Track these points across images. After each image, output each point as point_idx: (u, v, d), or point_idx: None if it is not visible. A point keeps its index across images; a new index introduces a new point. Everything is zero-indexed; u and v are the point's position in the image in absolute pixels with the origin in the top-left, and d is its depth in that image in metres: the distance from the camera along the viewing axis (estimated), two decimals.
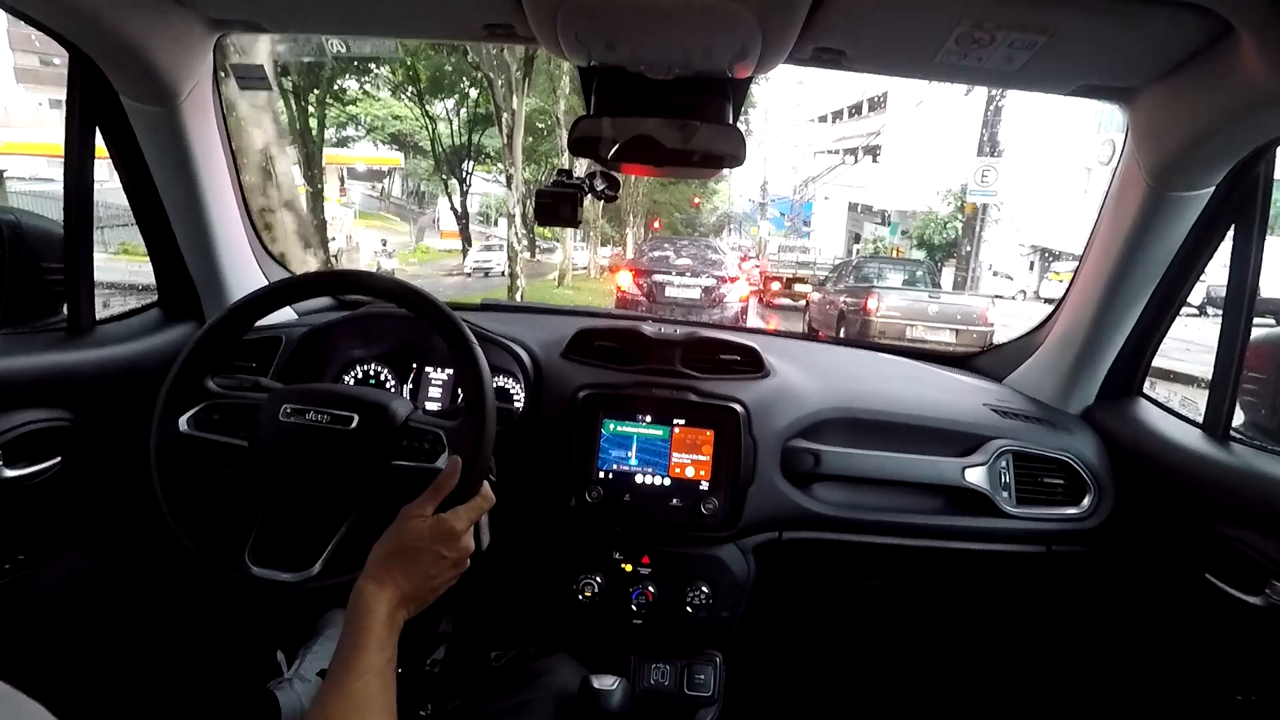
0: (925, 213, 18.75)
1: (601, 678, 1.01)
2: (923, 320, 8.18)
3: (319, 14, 1.13)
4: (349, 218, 22.87)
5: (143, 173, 1.22)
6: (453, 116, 21.29)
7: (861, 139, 26.41)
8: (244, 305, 0.98)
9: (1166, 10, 0.80)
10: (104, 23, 0.99)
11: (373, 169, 28.52)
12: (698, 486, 1.17)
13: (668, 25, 0.87)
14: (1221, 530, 1.02)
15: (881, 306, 8.28)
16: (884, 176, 25.62)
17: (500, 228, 27.43)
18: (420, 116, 20.71)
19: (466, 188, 22.92)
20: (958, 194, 16.30)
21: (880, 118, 25.99)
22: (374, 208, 30.18)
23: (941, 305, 8.38)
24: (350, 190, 28.26)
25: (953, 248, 16.24)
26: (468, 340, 0.94)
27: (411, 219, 33.03)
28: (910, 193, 22.96)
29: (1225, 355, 1.07)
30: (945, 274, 16.18)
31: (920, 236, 18.09)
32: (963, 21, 0.86)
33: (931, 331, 8.13)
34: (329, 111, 20.24)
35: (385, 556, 0.76)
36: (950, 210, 17.22)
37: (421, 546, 0.77)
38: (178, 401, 0.95)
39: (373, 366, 1.36)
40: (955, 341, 8.01)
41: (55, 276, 1.15)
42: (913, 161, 22.75)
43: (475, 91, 19.11)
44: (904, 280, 10.41)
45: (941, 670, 1.55)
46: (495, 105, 12.19)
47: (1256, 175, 1.02)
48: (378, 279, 0.99)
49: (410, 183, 34.79)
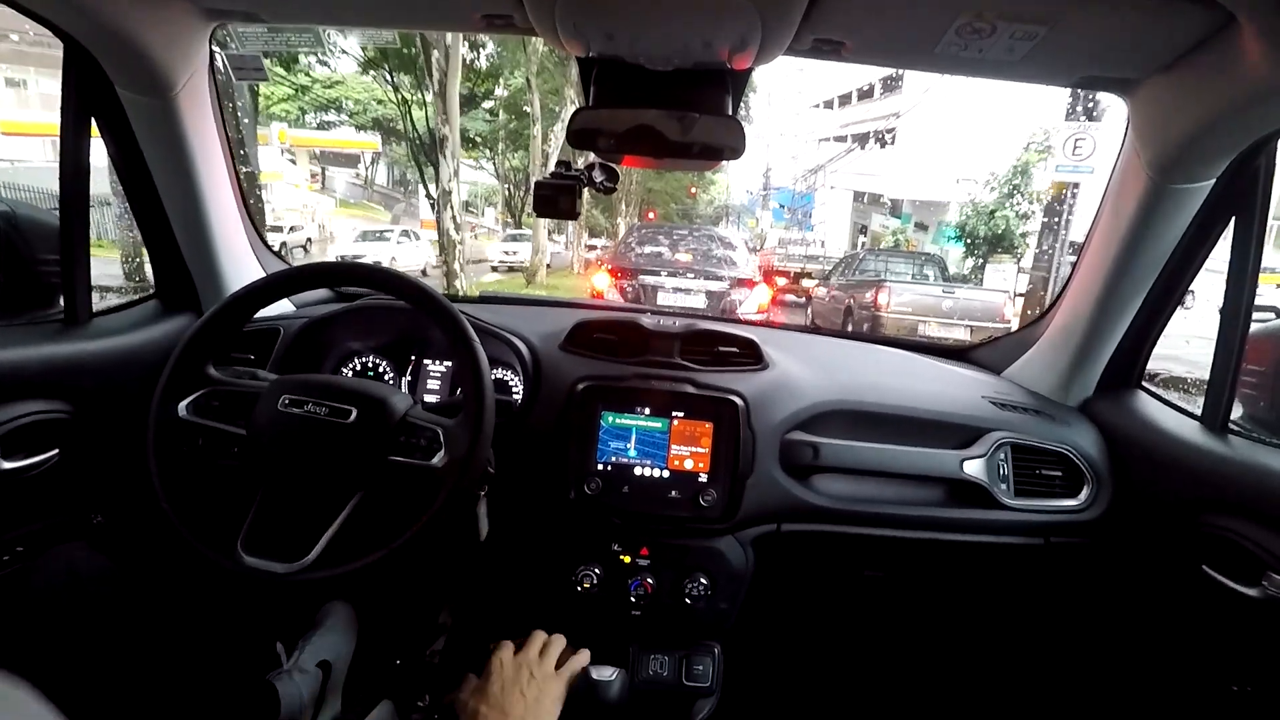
0: (964, 202, 16.77)
1: (600, 668, 1.02)
2: (936, 316, 7.81)
3: (315, 5, 1.13)
4: (323, 205, 22.34)
5: (139, 164, 1.22)
6: (425, 94, 18.86)
7: (873, 123, 24.93)
8: (245, 295, 0.98)
9: (1168, 2, 0.79)
10: (101, 14, 0.99)
11: (352, 154, 27.83)
12: (696, 478, 1.17)
13: (667, 16, 0.86)
14: (1219, 522, 1.02)
15: (892, 302, 7.89)
16: (897, 164, 23.44)
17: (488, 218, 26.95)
18: (386, 93, 18.58)
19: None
20: (1009, 178, 14.95)
21: (896, 99, 23.92)
22: (358, 195, 29.55)
23: (956, 301, 7.92)
24: (334, 178, 27.86)
25: (1001, 240, 15.13)
26: (466, 333, 0.94)
27: (396, 208, 32.30)
28: (926, 181, 21.46)
29: (1224, 348, 1.07)
30: (990, 272, 15.07)
31: (962, 228, 16.25)
32: (963, 12, 0.85)
33: (945, 328, 7.73)
34: (308, 94, 19.70)
35: (482, 706, 0.86)
36: (996, 197, 15.45)
37: (513, 690, 0.88)
38: (178, 386, 0.95)
39: (371, 358, 1.36)
40: (971, 340, 6.90)
41: (51, 268, 1.14)
42: (929, 147, 21.04)
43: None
44: (913, 274, 9.98)
45: (940, 661, 1.56)
46: (422, 42, 9.92)
47: (1257, 167, 1.02)
48: (377, 271, 0.99)
49: (396, 170, 33.44)
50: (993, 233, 15.02)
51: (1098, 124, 8.00)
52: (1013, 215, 14.84)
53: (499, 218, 23.47)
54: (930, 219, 23.07)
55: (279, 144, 18.37)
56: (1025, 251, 14.49)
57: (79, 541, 1.15)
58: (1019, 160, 14.62)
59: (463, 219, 9.91)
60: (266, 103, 19.65)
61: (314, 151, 24.23)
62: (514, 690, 0.89)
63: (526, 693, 0.89)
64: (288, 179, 20.85)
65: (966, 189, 16.61)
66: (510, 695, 0.88)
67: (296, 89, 19.64)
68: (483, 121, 19.35)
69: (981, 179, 15.81)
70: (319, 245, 17.75)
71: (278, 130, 18.84)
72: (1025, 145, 14.56)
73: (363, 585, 1.38)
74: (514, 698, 0.88)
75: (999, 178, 15.17)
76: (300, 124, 21.83)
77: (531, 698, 0.89)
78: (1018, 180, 14.74)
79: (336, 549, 0.90)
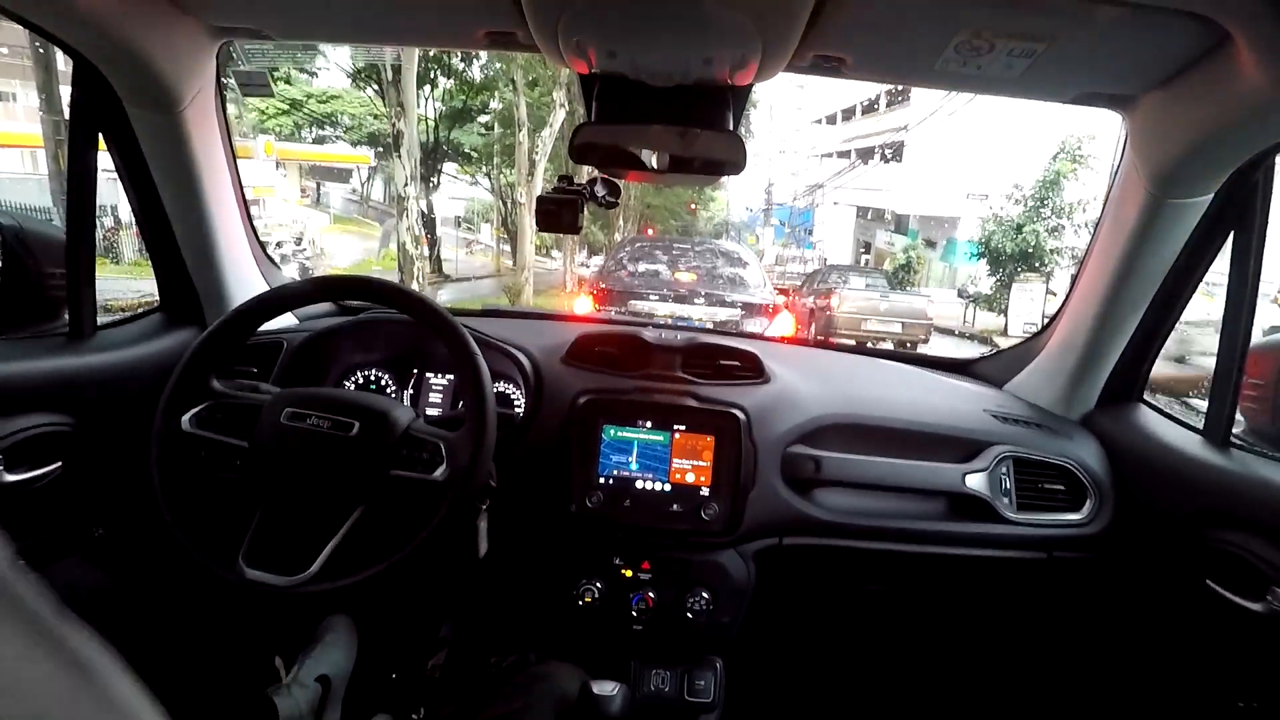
0: (986, 216, 15.16)
1: (602, 683, 1.01)
2: (876, 315, 10.06)
3: (322, 22, 1.14)
4: (317, 221, 22.06)
5: (146, 179, 1.23)
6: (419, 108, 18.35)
7: (877, 138, 24.01)
8: (248, 309, 0.99)
9: (1164, 18, 0.80)
10: (109, 31, 1.00)
11: (347, 169, 27.48)
12: (698, 492, 1.17)
13: (668, 34, 0.87)
14: (1222, 536, 1.02)
15: (843, 305, 10.13)
16: (903, 178, 22.25)
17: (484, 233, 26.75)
18: (373, 104, 17.84)
19: (434, 188, 20.02)
20: (1037, 190, 13.74)
21: (903, 113, 22.64)
22: (353, 212, 29.34)
23: (890, 303, 10.41)
24: (329, 194, 27.70)
25: (1028, 258, 13.68)
26: (469, 346, 0.94)
27: (389, 224, 31.74)
28: (933, 196, 20.42)
29: (1225, 361, 1.07)
30: (1016, 292, 13.34)
31: (985, 244, 14.72)
32: (962, 30, 0.86)
33: (883, 324, 10.03)
34: (302, 109, 19.46)
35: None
36: (1022, 211, 14.09)
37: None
38: (181, 399, 0.95)
39: (373, 372, 1.36)
40: (902, 332, 10.07)
41: (57, 282, 1.15)
42: (937, 162, 19.87)
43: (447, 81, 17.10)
44: (866, 285, 12.28)
45: (942, 676, 1.55)
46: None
47: (1255, 182, 1.03)
48: (380, 285, 0.99)
49: (392, 186, 33.51)
50: (1020, 249, 13.89)
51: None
52: (1042, 230, 13.61)
53: (495, 234, 23.35)
54: (938, 235, 22.32)
55: (264, 156, 18.24)
56: (1054, 269, 13.49)
57: (80, 555, 1.15)
58: (1047, 171, 13.69)
59: (459, 234, 9.65)
60: (261, 117, 19.66)
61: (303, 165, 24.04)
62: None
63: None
64: (279, 194, 20.77)
65: (986, 203, 15.50)
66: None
67: (290, 103, 19.61)
68: (477, 136, 19.26)
69: (995, 193, 14.93)
70: (312, 262, 17.68)
71: (264, 143, 18.75)
72: (1054, 155, 13.58)
73: (364, 598, 1.37)
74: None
75: (1024, 190, 14.05)
76: (296, 138, 21.78)
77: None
78: (1047, 193, 13.64)
79: (338, 562, 0.89)
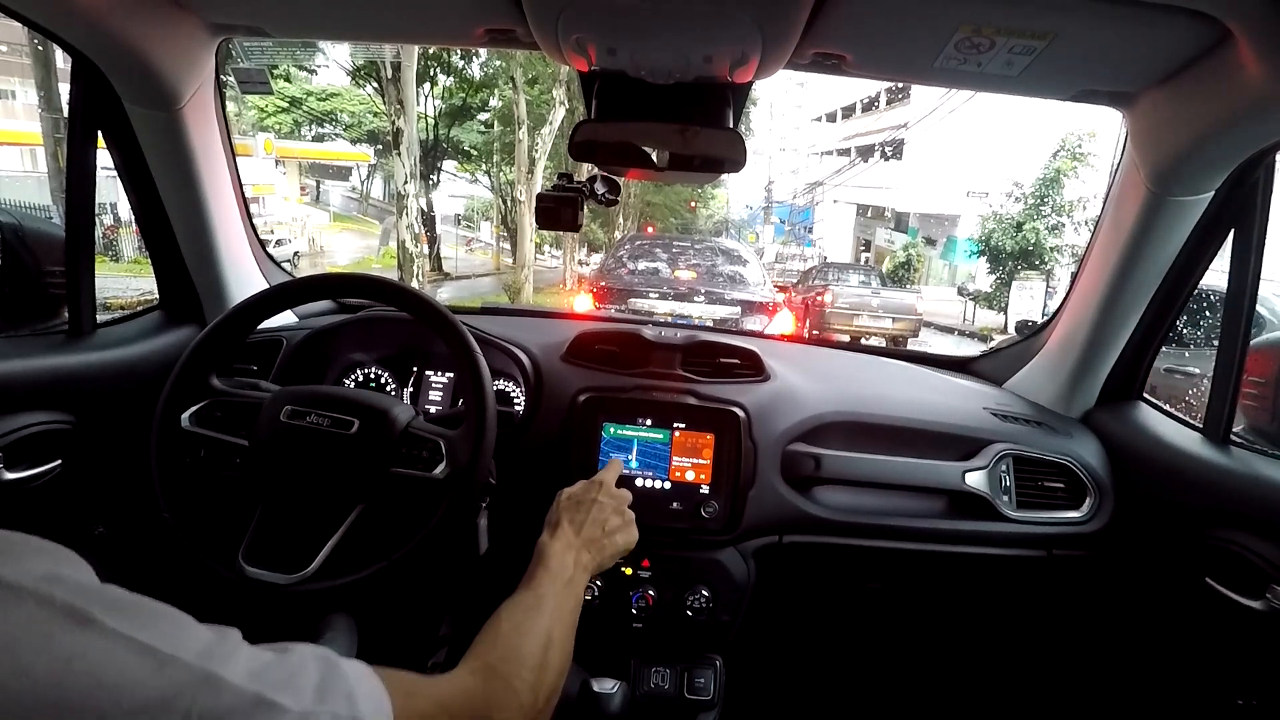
0: (986, 214, 15.18)
1: (601, 681, 1.01)
2: (868, 311, 10.39)
3: (321, 20, 1.14)
4: (316, 219, 22.00)
5: (145, 177, 1.23)
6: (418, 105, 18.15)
7: (877, 135, 23.78)
8: (248, 306, 0.99)
9: (1164, 16, 0.80)
10: (108, 28, 1.00)
11: (346, 167, 27.35)
12: (698, 490, 1.17)
13: (668, 31, 0.87)
14: (1222, 534, 1.02)
15: (836, 301, 10.43)
16: (903, 176, 22.20)
17: (484, 231, 26.72)
18: (373, 101, 17.87)
19: (434, 186, 20.17)
20: (1037, 188, 13.75)
21: (903, 110, 22.55)
22: (353, 210, 29.22)
23: (882, 299, 10.78)
24: (329, 192, 27.64)
25: (1028, 256, 13.77)
26: (468, 344, 0.94)
27: (388, 221, 31.60)
28: (933, 194, 20.55)
29: (1225, 360, 1.07)
30: (1015, 290, 13.50)
31: (984, 242, 14.70)
32: (962, 27, 0.86)
33: (875, 319, 10.34)
34: (302, 106, 19.40)
35: (555, 518, 0.89)
36: (1023, 209, 14.05)
37: (578, 499, 0.92)
38: (181, 397, 0.95)
39: (373, 370, 1.36)
40: (893, 327, 10.39)
41: (56, 280, 1.15)
42: (937, 159, 19.88)
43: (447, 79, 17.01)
44: (858, 281, 12.62)
45: (942, 674, 1.55)
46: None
47: (1256, 180, 1.03)
48: (380, 282, 0.99)
49: (392, 184, 33.30)
50: (1020, 247, 13.94)
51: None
52: (1042, 228, 13.73)
53: (494, 232, 23.35)
54: (938, 233, 22.40)
55: (264, 154, 18.19)
56: (1054, 267, 13.54)
57: (80, 553, 1.15)
58: (1047, 168, 13.81)
59: (459, 232, 9.67)
60: (260, 115, 19.65)
61: (302, 163, 23.98)
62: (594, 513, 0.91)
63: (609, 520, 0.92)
64: (279, 192, 20.72)
65: (986, 201, 15.54)
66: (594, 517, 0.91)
67: (289, 100, 19.62)
68: (477, 133, 19.26)
69: (995, 190, 15.02)
70: (309, 259, 17.59)
71: (263, 141, 18.69)
72: (1054, 153, 13.77)
73: (364, 596, 1.37)
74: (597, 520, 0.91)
75: (1025, 188, 14.09)
76: (295, 136, 21.75)
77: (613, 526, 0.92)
78: (1048, 191, 13.79)
79: (338, 560, 0.89)
